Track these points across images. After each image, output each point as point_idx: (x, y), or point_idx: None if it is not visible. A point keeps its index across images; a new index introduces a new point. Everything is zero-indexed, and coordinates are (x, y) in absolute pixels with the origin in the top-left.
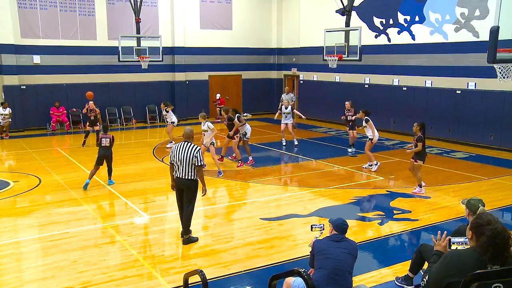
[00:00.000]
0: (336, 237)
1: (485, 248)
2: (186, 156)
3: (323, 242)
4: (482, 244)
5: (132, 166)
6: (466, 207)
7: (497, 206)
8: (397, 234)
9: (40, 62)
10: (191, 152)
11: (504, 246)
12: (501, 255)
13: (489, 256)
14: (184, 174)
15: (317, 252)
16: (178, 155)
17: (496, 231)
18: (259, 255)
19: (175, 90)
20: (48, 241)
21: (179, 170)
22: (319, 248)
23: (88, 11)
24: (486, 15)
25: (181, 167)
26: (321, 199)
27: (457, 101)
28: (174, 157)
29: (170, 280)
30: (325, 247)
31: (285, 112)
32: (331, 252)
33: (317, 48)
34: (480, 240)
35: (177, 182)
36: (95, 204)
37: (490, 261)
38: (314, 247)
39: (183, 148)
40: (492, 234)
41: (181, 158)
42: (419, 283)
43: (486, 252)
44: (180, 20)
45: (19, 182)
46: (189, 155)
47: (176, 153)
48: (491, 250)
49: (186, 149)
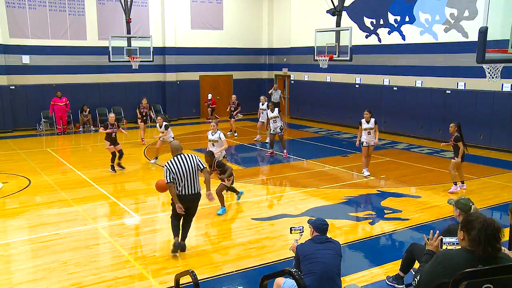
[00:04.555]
0: (320, 239)
1: (477, 241)
2: (190, 166)
3: (308, 246)
4: (474, 238)
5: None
6: (457, 208)
7: (486, 205)
8: (388, 233)
9: (30, 62)
10: (193, 160)
11: (495, 236)
12: (493, 246)
13: (482, 249)
14: (193, 189)
15: (304, 257)
16: (182, 169)
17: (486, 222)
18: (251, 255)
19: (166, 91)
20: (38, 243)
21: (186, 186)
22: (305, 253)
23: (78, 11)
24: (475, 15)
25: (187, 182)
26: (312, 199)
27: (447, 101)
28: (177, 173)
29: (161, 280)
30: (311, 251)
31: (262, 108)
32: (318, 255)
33: (308, 48)
34: (472, 234)
35: (185, 200)
36: (85, 205)
37: (483, 253)
38: (298, 251)
39: (183, 160)
40: (482, 226)
41: (186, 171)
42: (410, 282)
43: (478, 245)
44: (171, 20)
45: (8, 183)
46: (193, 164)
47: (177, 168)
48: (483, 242)
49: (186, 160)
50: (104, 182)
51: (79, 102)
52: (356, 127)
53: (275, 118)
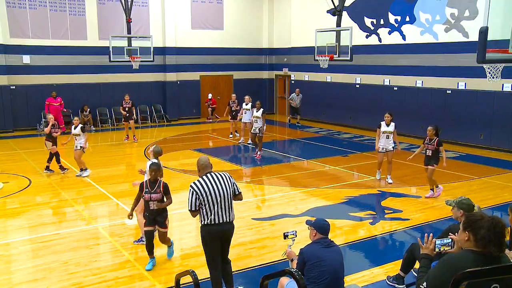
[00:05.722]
0: (325, 241)
1: (487, 239)
2: (225, 189)
3: (315, 250)
4: (483, 236)
5: (123, 166)
6: (459, 208)
7: (487, 205)
8: (388, 233)
9: (30, 62)
10: (228, 181)
11: (503, 233)
12: (502, 244)
13: (493, 246)
14: (228, 216)
15: (312, 263)
16: (214, 192)
17: (494, 220)
18: (251, 255)
19: (166, 91)
20: (39, 243)
21: (219, 213)
22: (313, 258)
23: (78, 11)
24: (475, 15)
25: (221, 208)
26: (312, 199)
27: (447, 101)
28: (207, 197)
29: (161, 280)
30: (319, 256)
31: (245, 108)
32: (327, 261)
33: (308, 48)
34: (481, 234)
35: (217, 231)
36: (86, 205)
37: (494, 252)
38: (305, 256)
39: (216, 181)
40: (491, 225)
41: (220, 195)
42: (410, 282)
43: (488, 243)
44: (171, 20)
45: (8, 183)
46: (229, 186)
47: (208, 191)
48: (494, 239)
49: (220, 181)
50: (104, 182)
51: (80, 102)
52: (357, 127)
53: (257, 118)
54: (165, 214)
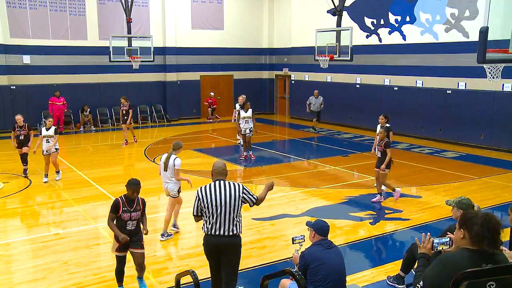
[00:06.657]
0: (326, 243)
1: (480, 235)
2: (231, 201)
3: (317, 252)
4: (477, 232)
5: (123, 166)
6: (459, 208)
7: (487, 205)
8: (388, 233)
9: (30, 62)
10: (237, 193)
11: (497, 229)
12: (496, 240)
13: (487, 241)
14: (228, 229)
15: (315, 266)
16: (216, 202)
17: (488, 216)
18: (251, 255)
19: (166, 91)
20: (39, 243)
21: (216, 223)
22: (316, 261)
23: (78, 11)
24: (475, 15)
25: (220, 218)
26: (312, 199)
27: (447, 101)
28: (206, 203)
29: (162, 280)
30: (322, 258)
31: (237, 110)
32: (330, 263)
33: (308, 48)
34: (474, 230)
35: (212, 243)
36: (86, 205)
37: (489, 247)
38: (307, 258)
39: (222, 191)
40: (484, 220)
41: (222, 205)
42: (411, 282)
43: (483, 239)
44: (172, 20)
45: (9, 183)
46: (235, 198)
47: (210, 199)
48: (488, 234)
49: (227, 191)
50: (104, 182)
51: (80, 102)
52: (357, 127)
53: (247, 119)
54: (140, 234)
